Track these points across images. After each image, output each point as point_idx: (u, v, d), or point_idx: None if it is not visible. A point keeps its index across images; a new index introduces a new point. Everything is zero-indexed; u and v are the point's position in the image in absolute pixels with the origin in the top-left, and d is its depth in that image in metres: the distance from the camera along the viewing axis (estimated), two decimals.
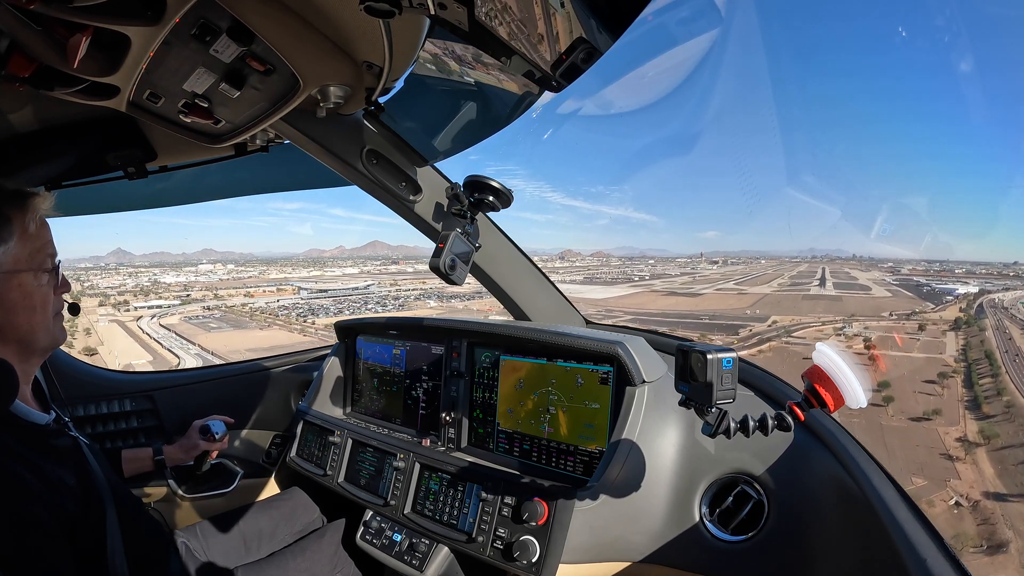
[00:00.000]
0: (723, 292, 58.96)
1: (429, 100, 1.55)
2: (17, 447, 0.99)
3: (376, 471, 1.75)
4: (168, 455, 1.68)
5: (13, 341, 1.08)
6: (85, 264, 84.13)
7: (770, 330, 39.51)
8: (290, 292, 55.40)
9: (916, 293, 48.69)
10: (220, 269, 66.20)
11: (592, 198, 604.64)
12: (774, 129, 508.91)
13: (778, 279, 62.45)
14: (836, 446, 1.27)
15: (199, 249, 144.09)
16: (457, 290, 53.49)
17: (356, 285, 56.06)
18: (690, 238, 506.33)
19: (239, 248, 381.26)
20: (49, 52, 0.89)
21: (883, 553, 0.97)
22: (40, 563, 0.91)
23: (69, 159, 1.52)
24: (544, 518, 1.29)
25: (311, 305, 50.18)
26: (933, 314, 40.76)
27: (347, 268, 71.69)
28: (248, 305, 53.40)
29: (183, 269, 65.97)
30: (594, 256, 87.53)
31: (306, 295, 53.77)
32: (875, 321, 42.96)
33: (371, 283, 57.53)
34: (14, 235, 1.06)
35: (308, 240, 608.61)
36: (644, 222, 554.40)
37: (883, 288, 52.32)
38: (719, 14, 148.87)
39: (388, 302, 52.83)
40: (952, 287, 46.59)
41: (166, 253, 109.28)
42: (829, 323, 42.55)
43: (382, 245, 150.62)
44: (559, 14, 1.00)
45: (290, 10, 0.95)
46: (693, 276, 69.39)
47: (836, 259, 75.20)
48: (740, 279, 65.26)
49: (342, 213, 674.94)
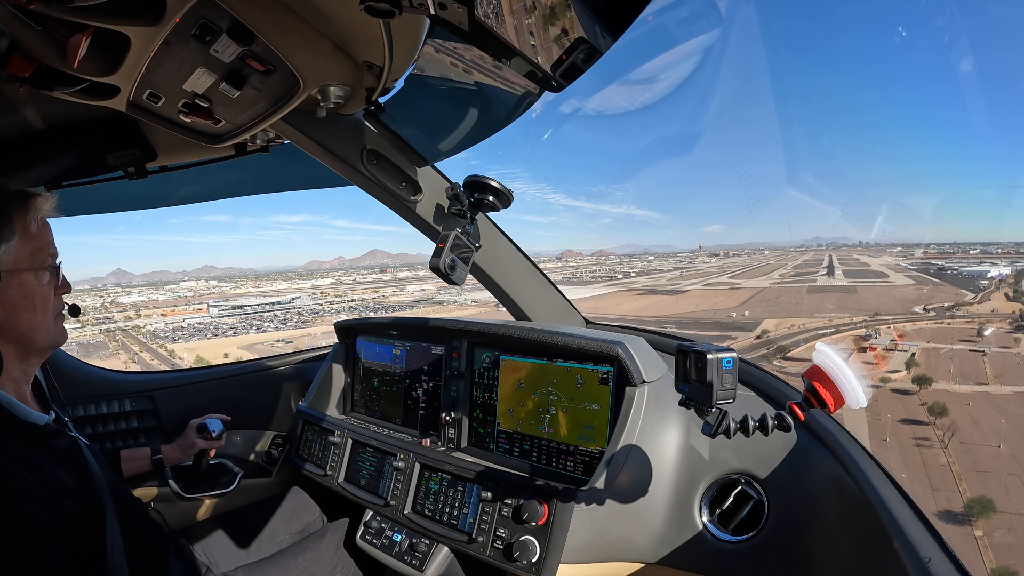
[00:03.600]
0: (712, 288, 50.65)
1: (429, 100, 1.55)
2: (16, 447, 0.99)
3: (376, 471, 1.75)
4: (166, 454, 1.69)
5: (13, 340, 1.09)
6: (85, 286, 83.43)
7: (757, 345, 27.32)
8: (204, 310, 52.93)
9: (943, 279, 40.29)
10: (203, 286, 65.39)
11: (594, 197, 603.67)
12: (774, 125, 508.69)
13: (779, 269, 54.21)
14: (836, 446, 1.27)
15: (200, 266, 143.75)
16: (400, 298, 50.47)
17: (279, 299, 53.65)
18: (696, 233, 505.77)
19: (240, 264, 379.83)
20: (49, 52, 0.89)
21: (883, 553, 0.97)
22: (39, 563, 0.91)
23: (69, 159, 1.52)
24: (544, 518, 1.29)
25: (217, 324, 47.85)
26: (979, 306, 30.66)
27: (319, 280, 70.04)
28: (147, 327, 51.45)
29: (163, 287, 64.98)
30: (595, 255, 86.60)
31: (216, 313, 51.42)
32: (909, 322, 30.12)
33: (298, 296, 54.92)
34: (16, 234, 1.07)
35: (309, 252, 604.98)
36: (648, 219, 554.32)
37: (902, 275, 43.81)
38: (719, 14, 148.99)
39: (301, 315, 49.99)
40: (983, 269, 39.45)
41: (166, 272, 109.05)
42: (847, 328, 31.24)
43: (382, 254, 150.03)
44: (559, 14, 1.00)
45: (290, 10, 0.95)
46: (683, 272, 62.65)
47: (842, 246, 69.96)
48: (737, 271, 57.31)
49: (346, 224, 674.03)
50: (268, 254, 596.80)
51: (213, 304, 53.06)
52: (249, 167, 1.91)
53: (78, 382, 1.99)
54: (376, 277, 70.88)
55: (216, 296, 59.43)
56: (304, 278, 72.00)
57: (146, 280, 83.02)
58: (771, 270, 54.75)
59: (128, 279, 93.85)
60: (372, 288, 56.68)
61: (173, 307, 55.54)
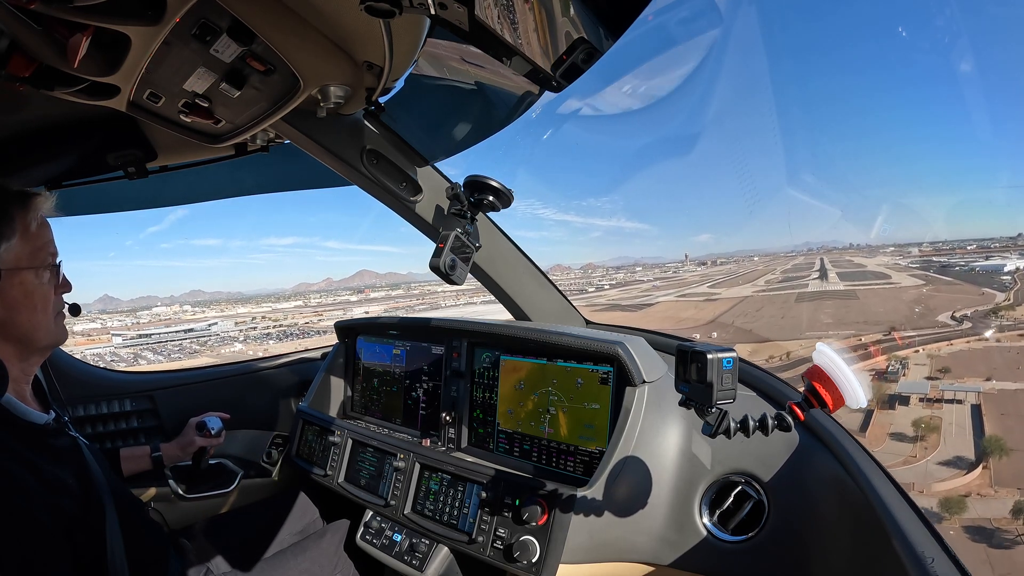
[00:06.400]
0: (684, 300, 44.09)
1: (429, 100, 1.55)
2: (16, 446, 0.99)
3: (376, 471, 1.75)
4: (165, 453, 1.69)
5: (14, 339, 1.09)
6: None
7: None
8: (107, 339, 48.21)
9: (954, 276, 33.39)
10: (176, 310, 64.53)
11: (584, 211, 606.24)
12: (774, 128, 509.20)
13: (766, 275, 47.73)
14: (836, 446, 1.27)
15: (187, 291, 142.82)
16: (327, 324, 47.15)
17: (194, 327, 49.52)
18: (685, 243, 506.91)
19: (228, 288, 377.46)
20: (49, 52, 0.89)
21: (883, 553, 0.97)
22: (38, 563, 0.91)
23: (69, 159, 1.52)
24: (544, 518, 1.28)
25: (113, 354, 43.31)
26: (1022, 308, 22.07)
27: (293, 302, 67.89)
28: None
29: (137, 313, 63.46)
30: (583, 269, 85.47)
31: (120, 342, 46.99)
32: (942, 340, 20.19)
33: (215, 322, 50.97)
34: (16, 233, 1.07)
35: (298, 275, 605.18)
36: (638, 231, 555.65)
37: (905, 274, 37.32)
38: (719, 14, 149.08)
39: (200, 343, 46.19)
40: (996, 263, 33.83)
41: (153, 297, 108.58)
42: (855, 351, 25.67)
43: (370, 274, 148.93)
44: (559, 14, 1.00)
45: (290, 10, 0.95)
46: (657, 283, 56.84)
47: (833, 249, 66.10)
48: (720, 280, 51.31)
49: (336, 245, 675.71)
50: (258, 277, 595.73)
51: (116, 333, 49.14)
52: (249, 167, 1.91)
53: (78, 382, 1.99)
54: (344, 299, 69.38)
55: (169, 321, 56.65)
56: (293, 298, 70.56)
57: (132, 306, 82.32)
58: (757, 276, 48.20)
59: (115, 305, 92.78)
60: (316, 311, 54.68)
61: (88, 336, 52.55)
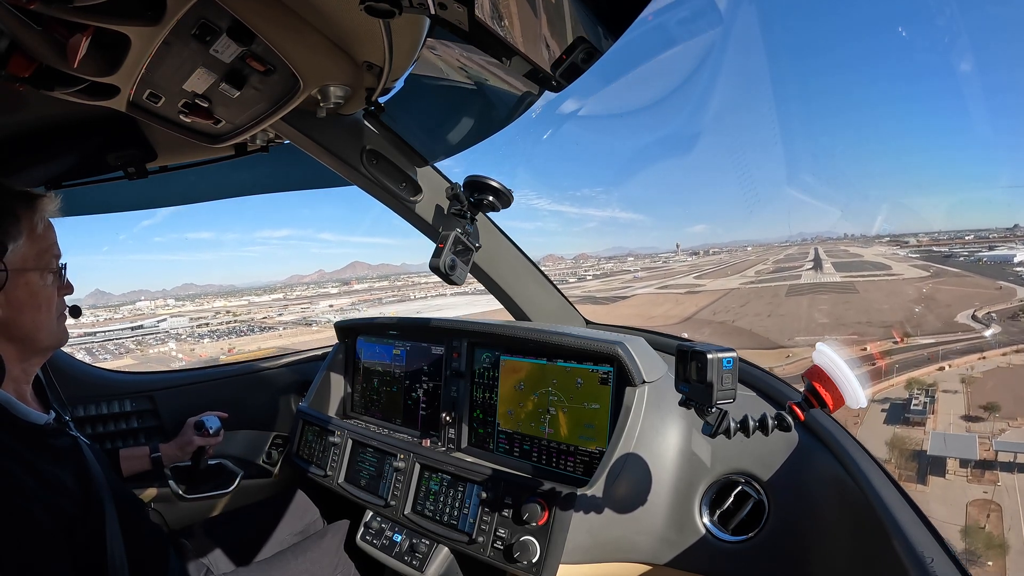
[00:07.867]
0: (664, 292, 41.11)
1: (429, 100, 1.55)
2: (15, 446, 0.99)
3: (376, 471, 1.75)
4: (165, 453, 1.69)
5: (17, 339, 1.09)
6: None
7: None
8: None
9: (961, 267, 30.52)
10: (159, 304, 64.40)
11: (579, 201, 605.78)
12: (773, 126, 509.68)
13: (757, 265, 44.53)
14: (836, 446, 1.27)
15: (179, 284, 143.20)
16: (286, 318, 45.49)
17: (143, 323, 49.47)
18: (679, 233, 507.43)
19: (221, 281, 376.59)
20: (49, 52, 0.89)
21: (883, 553, 0.97)
22: (37, 563, 0.91)
23: (69, 159, 1.52)
24: (544, 519, 1.28)
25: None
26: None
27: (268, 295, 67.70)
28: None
29: (121, 308, 63.31)
30: (576, 259, 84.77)
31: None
32: (974, 353, 15.82)
33: (164, 319, 51.05)
34: (23, 234, 1.07)
35: (291, 267, 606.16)
36: (633, 222, 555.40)
37: (906, 264, 33.83)
38: (719, 14, 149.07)
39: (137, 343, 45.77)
40: (1005, 253, 31.64)
41: (145, 291, 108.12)
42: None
43: (362, 265, 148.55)
44: (559, 14, 1.00)
45: (290, 10, 0.95)
46: (638, 273, 53.75)
47: (828, 239, 63.79)
48: (708, 270, 47.76)
49: (331, 237, 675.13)
50: (252, 270, 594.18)
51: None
52: (249, 167, 1.91)
53: (79, 382, 1.99)
54: (325, 291, 68.73)
55: (124, 319, 55.07)
56: (277, 291, 70.24)
57: (123, 300, 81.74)
58: (748, 267, 44.74)
59: (106, 300, 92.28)
60: (286, 305, 54.02)
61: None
